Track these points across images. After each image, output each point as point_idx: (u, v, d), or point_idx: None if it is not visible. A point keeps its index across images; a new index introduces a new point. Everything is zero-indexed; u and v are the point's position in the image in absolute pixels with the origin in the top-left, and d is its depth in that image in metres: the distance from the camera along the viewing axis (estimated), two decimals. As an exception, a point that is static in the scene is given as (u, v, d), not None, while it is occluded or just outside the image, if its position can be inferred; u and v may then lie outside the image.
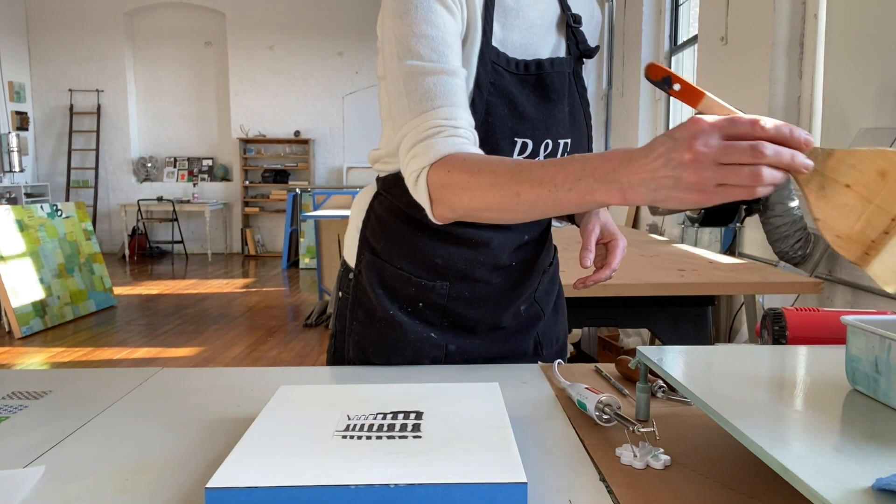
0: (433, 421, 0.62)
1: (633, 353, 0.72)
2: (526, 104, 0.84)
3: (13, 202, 7.34)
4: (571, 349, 3.45)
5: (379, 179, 0.94)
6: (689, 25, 4.75)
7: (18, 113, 8.03)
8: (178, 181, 8.58)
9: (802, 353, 0.73)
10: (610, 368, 0.88)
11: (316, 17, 8.24)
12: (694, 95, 0.50)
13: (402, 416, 0.63)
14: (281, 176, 8.42)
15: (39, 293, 4.54)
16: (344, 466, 0.52)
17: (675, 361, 0.67)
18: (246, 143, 8.43)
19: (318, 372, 0.91)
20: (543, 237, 0.97)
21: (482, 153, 0.74)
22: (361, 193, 0.99)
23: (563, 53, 0.90)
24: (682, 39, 4.83)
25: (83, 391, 0.81)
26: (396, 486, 0.49)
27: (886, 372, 0.55)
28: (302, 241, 7.35)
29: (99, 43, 8.23)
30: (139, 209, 8.07)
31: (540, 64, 0.86)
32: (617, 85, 5.89)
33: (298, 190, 7.55)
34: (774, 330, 0.84)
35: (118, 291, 5.81)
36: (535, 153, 0.86)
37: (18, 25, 8.06)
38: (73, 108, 8.31)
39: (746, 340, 2.78)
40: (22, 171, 7.90)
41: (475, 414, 0.64)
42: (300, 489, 0.49)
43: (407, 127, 0.75)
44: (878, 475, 0.42)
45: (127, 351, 4.04)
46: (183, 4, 8.33)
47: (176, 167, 8.62)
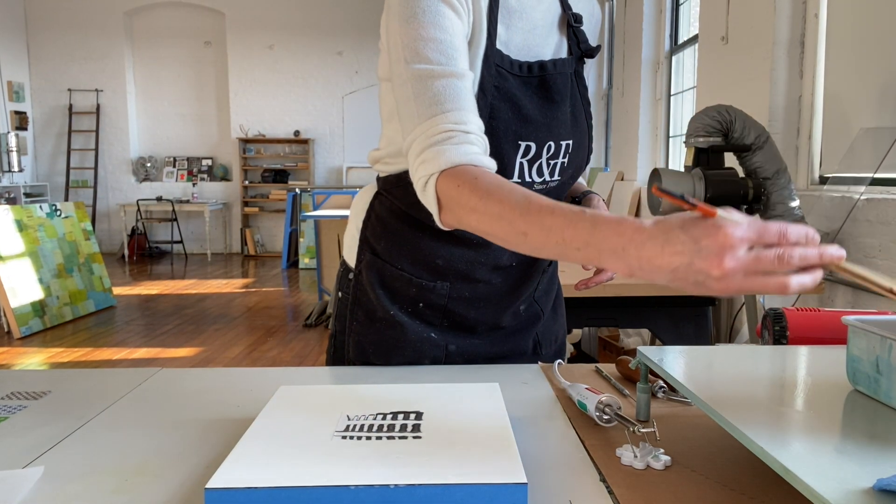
0: (433, 421, 0.62)
1: (633, 353, 0.72)
2: (529, 107, 0.84)
3: (12, 202, 7.33)
4: (572, 349, 3.45)
5: (379, 179, 0.94)
6: (689, 25, 4.75)
7: (17, 113, 8.03)
8: (177, 181, 8.58)
9: (803, 353, 0.73)
10: (610, 369, 0.88)
11: (316, 16, 8.24)
12: (709, 210, 0.49)
13: (401, 416, 0.63)
14: (280, 176, 8.41)
15: (38, 293, 4.54)
16: (344, 467, 0.52)
17: (675, 362, 0.67)
18: (245, 142, 8.42)
19: (317, 372, 0.91)
20: None
21: (493, 165, 0.73)
22: (361, 193, 0.98)
23: (564, 54, 0.89)
24: (682, 39, 4.83)
25: (82, 391, 0.81)
26: (396, 486, 0.49)
27: (887, 372, 0.55)
28: (301, 241, 7.35)
29: (98, 42, 8.23)
30: (138, 209, 8.07)
31: (543, 65, 0.85)
32: (617, 84, 5.88)
33: (298, 190, 7.55)
34: (775, 330, 0.84)
35: (117, 291, 5.81)
36: (538, 155, 0.86)
37: (17, 25, 8.05)
38: (72, 107, 8.30)
39: (747, 341, 2.78)
40: (21, 170, 7.90)
41: (475, 414, 0.64)
42: (300, 490, 0.49)
43: (416, 131, 0.74)
44: (878, 476, 0.42)
45: (126, 351, 4.03)
46: (182, 4, 8.33)
47: (175, 167, 8.61)
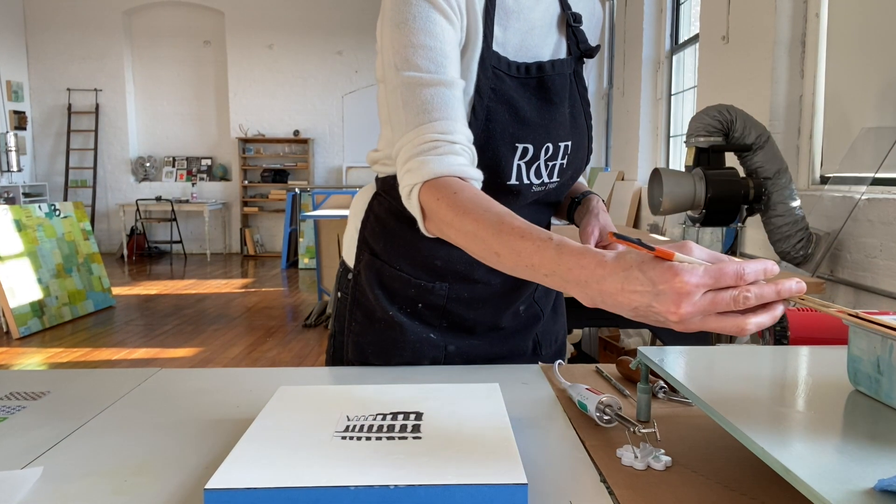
0: (433, 422, 0.62)
1: (633, 353, 0.72)
2: (527, 108, 0.83)
3: (11, 202, 7.33)
4: (572, 350, 3.44)
5: (378, 180, 0.94)
6: (690, 24, 4.75)
7: (16, 112, 8.03)
8: (176, 181, 8.58)
9: (804, 353, 0.73)
10: (611, 369, 0.88)
11: (315, 15, 8.24)
12: (667, 253, 0.50)
13: (401, 416, 0.63)
14: (280, 175, 8.41)
15: (37, 293, 4.53)
16: (343, 467, 0.52)
17: (676, 362, 0.67)
18: (245, 142, 8.42)
19: (317, 372, 0.91)
20: None
21: (478, 175, 0.74)
22: (360, 194, 0.98)
23: (563, 54, 0.89)
24: (683, 38, 4.83)
25: (81, 392, 0.81)
26: (396, 487, 0.49)
27: (888, 372, 0.55)
28: (301, 241, 7.35)
29: (97, 42, 8.22)
30: (138, 209, 8.06)
31: (541, 66, 0.84)
32: (618, 84, 5.88)
33: (297, 189, 7.55)
34: (776, 330, 0.84)
35: (116, 292, 5.80)
36: (535, 157, 0.85)
37: (16, 24, 8.05)
38: (71, 107, 8.29)
39: (748, 341, 2.78)
40: (20, 170, 7.89)
41: (475, 415, 0.64)
42: (299, 490, 0.49)
43: (404, 139, 0.74)
44: (879, 476, 0.42)
45: (125, 351, 4.03)
46: (181, 3, 8.32)
47: (174, 167, 8.61)
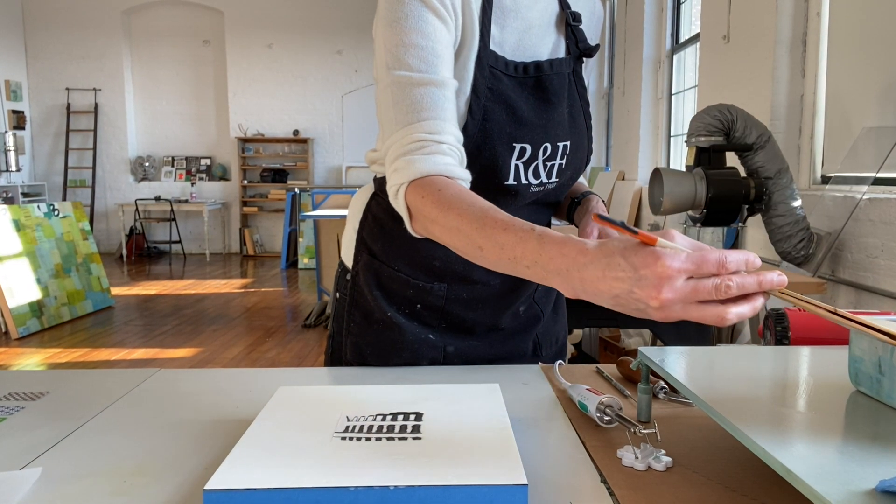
0: (433, 422, 0.62)
1: (634, 353, 0.72)
2: (525, 108, 0.83)
3: (10, 202, 7.32)
4: (572, 350, 3.44)
5: (376, 180, 0.94)
6: (690, 24, 4.75)
7: (15, 112, 8.02)
8: (175, 181, 8.57)
9: (805, 353, 0.73)
10: (611, 369, 0.88)
11: (315, 15, 8.23)
12: (649, 237, 0.49)
13: (401, 417, 0.63)
14: (279, 175, 8.41)
15: (36, 293, 4.53)
16: (343, 468, 0.52)
17: (676, 362, 0.67)
18: (244, 142, 8.42)
19: (316, 373, 0.91)
20: None
21: (465, 175, 0.74)
22: (358, 194, 0.98)
23: (562, 53, 0.88)
24: (683, 38, 4.82)
25: (80, 392, 0.81)
26: (396, 487, 0.49)
27: (890, 373, 0.55)
28: (301, 241, 7.34)
29: (96, 41, 8.22)
30: (137, 209, 8.06)
31: (539, 66, 0.84)
32: (618, 84, 5.88)
33: (297, 189, 7.54)
34: (777, 330, 0.84)
35: (115, 292, 5.80)
36: (533, 157, 0.85)
37: (15, 23, 8.04)
38: (70, 106, 8.29)
39: (749, 341, 2.78)
40: (19, 170, 7.89)
41: (475, 415, 0.63)
42: (299, 491, 0.49)
43: (393, 138, 0.74)
44: (881, 477, 0.42)
45: (124, 352, 4.03)
46: (181, 3, 8.32)
47: (174, 166, 8.60)
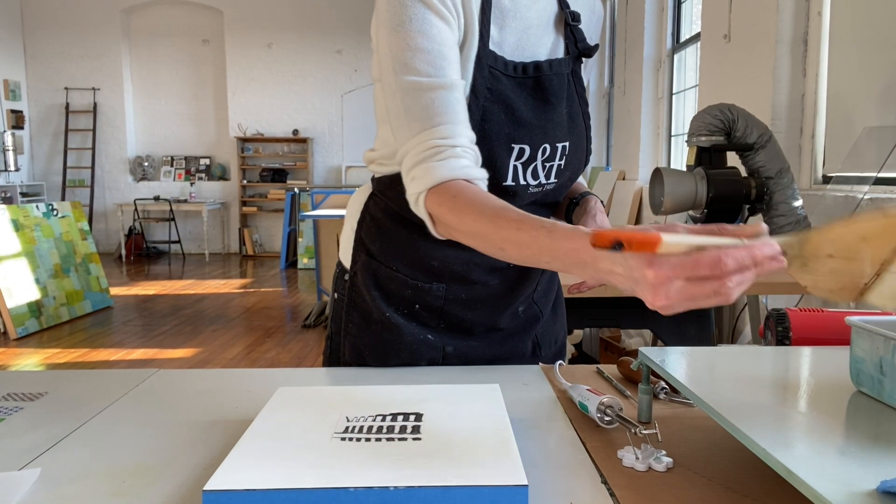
0: (433, 423, 0.61)
1: (634, 354, 0.72)
2: (524, 109, 0.83)
3: (8, 201, 7.32)
4: (573, 350, 3.44)
5: (374, 180, 0.93)
6: (691, 23, 4.74)
7: (14, 111, 8.01)
8: (175, 180, 8.56)
9: (806, 354, 0.73)
10: (612, 370, 0.87)
11: (314, 14, 8.23)
12: (650, 243, 0.48)
13: (401, 417, 0.63)
14: (279, 175, 8.40)
15: (35, 294, 4.52)
16: (343, 469, 0.52)
17: (677, 363, 0.67)
18: (244, 141, 8.41)
19: (316, 373, 0.91)
20: None
21: (482, 175, 0.74)
22: (356, 194, 0.98)
23: (561, 53, 0.88)
24: (684, 37, 4.82)
25: (79, 393, 0.81)
26: (396, 488, 0.49)
27: (891, 373, 0.55)
28: (300, 240, 7.34)
29: (95, 41, 8.21)
30: (136, 209, 8.05)
31: (539, 66, 0.84)
32: (619, 83, 5.87)
33: (297, 189, 7.54)
34: (778, 331, 0.84)
35: (114, 292, 5.79)
36: (532, 157, 0.84)
37: (14, 23, 8.03)
38: (69, 106, 8.28)
39: (750, 341, 2.77)
40: (17, 170, 7.88)
41: (475, 415, 0.63)
42: (298, 492, 0.49)
43: (408, 146, 0.74)
44: (882, 477, 0.42)
45: (123, 352, 4.02)
46: (180, 2, 8.31)
47: (173, 166, 8.60)
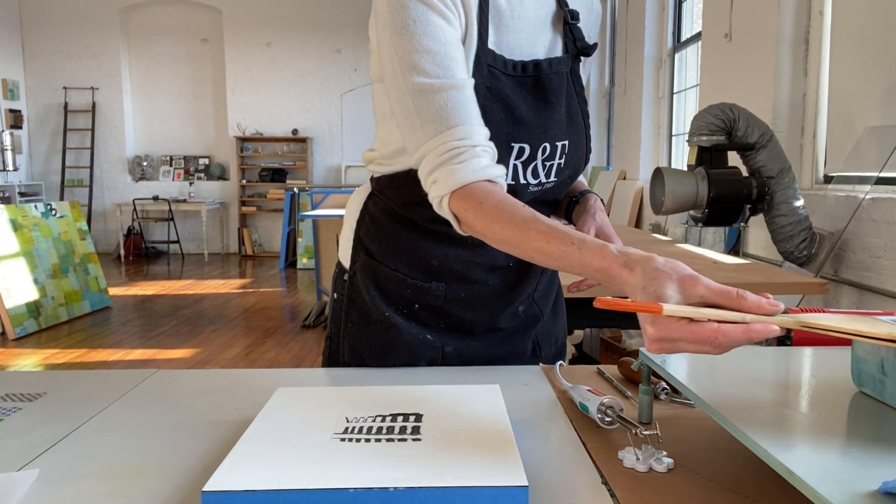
0: (433, 423, 0.61)
1: (635, 354, 0.72)
2: (523, 108, 0.83)
3: (7, 201, 7.31)
4: (573, 350, 3.43)
5: (373, 180, 0.93)
6: (692, 22, 4.74)
7: (12, 111, 8.00)
8: (174, 180, 8.56)
9: (807, 354, 0.73)
10: (612, 370, 0.87)
11: (314, 13, 8.22)
12: (653, 309, 0.51)
13: (401, 418, 0.63)
14: (278, 175, 8.40)
15: (33, 294, 4.52)
16: (342, 469, 0.52)
17: (678, 363, 0.66)
18: (243, 141, 8.41)
19: (316, 374, 0.91)
20: None
21: (501, 172, 0.75)
22: (356, 193, 0.98)
23: (559, 52, 0.88)
24: (685, 36, 4.82)
25: (78, 393, 0.81)
26: (396, 489, 0.49)
27: (893, 374, 0.55)
28: (300, 240, 7.34)
29: (94, 40, 8.20)
30: (135, 208, 8.05)
31: (538, 65, 0.84)
32: (619, 82, 5.87)
33: (296, 189, 7.53)
34: (779, 331, 0.84)
35: (113, 292, 5.79)
36: (532, 157, 0.84)
37: (12, 22, 8.02)
38: (67, 105, 8.27)
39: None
40: (16, 169, 7.87)
41: (475, 416, 0.63)
42: (298, 492, 0.49)
43: (424, 149, 0.74)
44: (884, 478, 0.42)
45: (122, 352, 4.02)
46: (179, 1, 8.30)
47: (172, 166, 8.59)
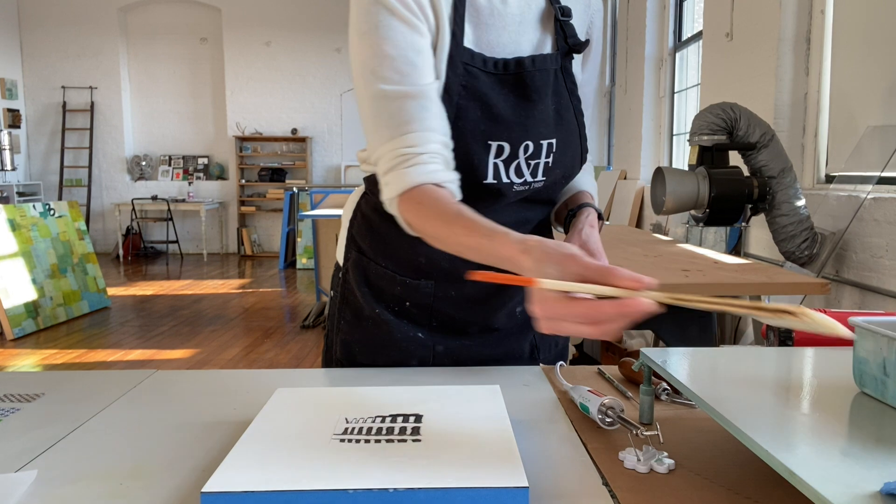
0: (433, 424, 0.61)
1: (636, 355, 0.72)
2: (503, 105, 0.82)
3: (5, 201, 7.30)
4: (574, 351, 3.43)
5: (366, 179, 0.94)
6: (693, 21, 4.74)
7: (10, 110, 7.99)
8: (173, 180, 8.55)
9: (809, 354, 0.73)
10: (613, 371, 0.87)
11: (313, 12, 8.22)
12: (527, 281, 0.54)
13: (401, 419, 0.63)
14: (278, 174, 8.39)
15: (32, 294, 4.51)
16: (342, 470, 0.52)
17: (679, 363, 0.66)
18: (242, 140, 8.40)
19: (315, 374, 0.90)
20: (538, 234, 0.94)
21: (450, 177, 0.76)
22: (353, 193, 0.99)
23: (548, 49, 0.87)
24: (686, 35, 4.82)
25: (76, 394, 0.80)
26: (396, 490, 0.49)
27: (895, 374, 0.54)
28: (299, 240, 7.33)
29: (92, 39, 8.19)
30: (133, 208, 8.04)
31: (520, 62, 0.83)
32: (620, 82, 5.87)
33: (296, 189, 7.52)
34: (781, 331, 0.84)
35: (112, 292, 5.78)
36: (513, 155, 0.84)
37: (10, 21, 8.01)
38: (65, 105, 8.26)
39: (752, 342, 2.77)
40: (14, 169, 7.86)
41: (476, 417, 0.63)
42: (297, 494, 0.49)
43: (379, 152, 0.77)
44: (885, 479, 0.42)
45: (121, 353, 4.01)
46: (178, 0, 8.30)
47: (171, 165, 8.59)
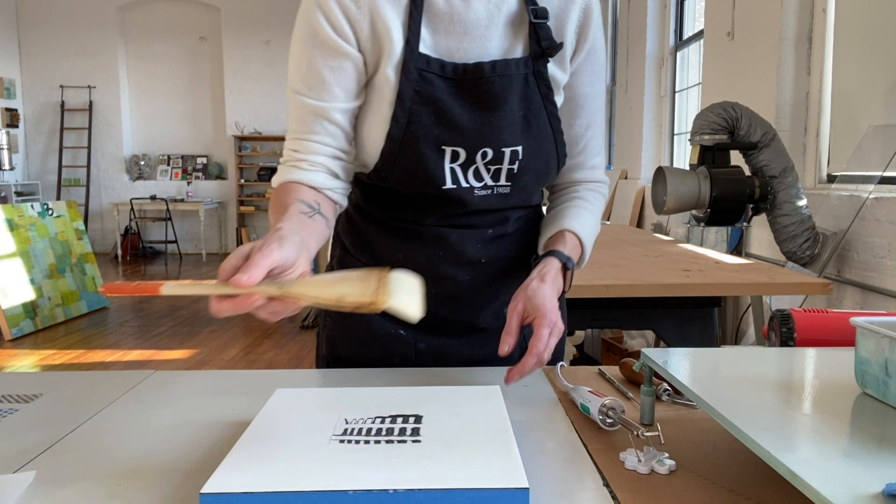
0: (433, 425, 0.61)
1: (637, 355, 0.72)
2: (458, 111, 0.81)
3: (3, 201, 7.29)
4: (574, 351, 3.43)
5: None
6: (694, 20, 4.75)
7: (8, 110, 7.98)
8: (171, 179, 8.55)
9: (811, 355, 0.73)
10: (614, 371, 0.87)
11: (310, 15, 8.20)
12: (152, 289, 0.57)
13: (400, 419, 0.62)
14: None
15: (30, 294, 4.50)
16: (341, 471, 0.51)
17: (680, 364, 0.66)
18: (241, 140, 8.40)
19: (314, 375, 0.91)
20: (523, 233, 0.93)
21: (330, 186, 0.83)
22: None
23: (519, 53, 0.84)
24: (687, 34, 4.82)
25: (75, 394, 0.80)
26: (395, 491, 0.48)
27: (896, 375, 0.54)
28: (296, 240, 7.32)
29: (91, 38, 8.18)
30: (132, 208, 8.03)
31: (479, 67, 0.81)
32: (621, 81, 5.88)
33: (293, 189, 7.52)
34: (782, 332, 0.84)
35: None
36: (470, 161, 0.83)
37: (8, 20, 8.00)
38: (64, 104, 8.25)
39: (753, 342, 2.77)
40: (12, 169, 7.85)
41: (475, 417, 0.63)
42: (297, 494, 0.48)
43: (285, 143, 0.87)
44: (887, 480, 0.42)
45: (120, 353, 4.01)
46: None
47: (170, 165, 8.58)
